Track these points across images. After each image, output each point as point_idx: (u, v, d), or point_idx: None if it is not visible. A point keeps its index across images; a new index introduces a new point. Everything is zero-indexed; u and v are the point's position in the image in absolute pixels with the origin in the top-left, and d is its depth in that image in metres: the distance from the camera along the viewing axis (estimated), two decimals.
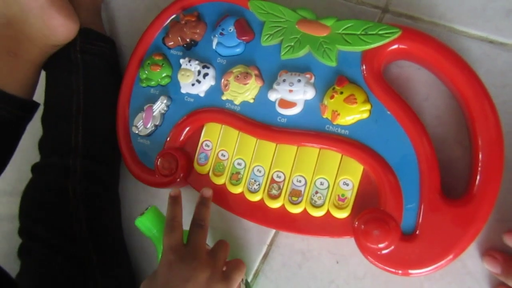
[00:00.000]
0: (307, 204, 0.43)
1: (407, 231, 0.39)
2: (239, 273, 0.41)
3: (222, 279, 0.39)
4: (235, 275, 0.41)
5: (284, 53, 0.45)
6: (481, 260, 0.40)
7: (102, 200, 0.53)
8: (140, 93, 0.53)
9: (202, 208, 0.43)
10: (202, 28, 0.51)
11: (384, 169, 0.40)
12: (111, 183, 0.56)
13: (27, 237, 0.50)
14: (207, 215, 0.43)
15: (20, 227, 0.51)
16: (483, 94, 0.39)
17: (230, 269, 0.41)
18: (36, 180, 0.53)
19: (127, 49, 0.61)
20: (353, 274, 0.45)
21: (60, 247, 0.49)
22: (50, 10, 0.52)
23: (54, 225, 0.50)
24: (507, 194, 0.40)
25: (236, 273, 0.41)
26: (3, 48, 0.52)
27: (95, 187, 0.52)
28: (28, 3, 0.51)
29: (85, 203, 0.51)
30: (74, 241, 0.49)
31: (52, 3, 0.52)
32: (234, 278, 0.40)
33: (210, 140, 0.49)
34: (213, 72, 0.49)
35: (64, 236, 0.49)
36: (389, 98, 0.41)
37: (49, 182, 0.52)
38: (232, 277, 0.40)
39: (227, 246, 0.43)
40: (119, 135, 0.53)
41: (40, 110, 0.56)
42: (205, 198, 0.44)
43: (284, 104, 0.44)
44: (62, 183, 0.51)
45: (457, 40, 0.45)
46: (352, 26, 0.43)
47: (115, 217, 0.55)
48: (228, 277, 0.40)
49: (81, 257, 0.49)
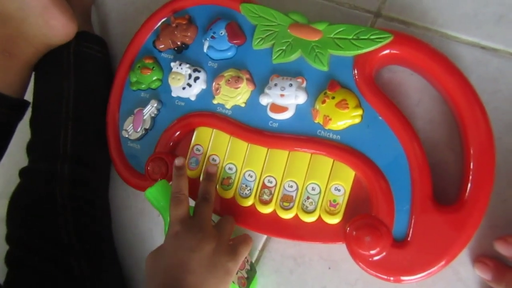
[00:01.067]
0: (298, 210, 0.42)
1: (399, 237, 0.38)
2: (245, 247, 0.41)
3: (227, 251, 0.39)
4: (241, 248, 0.40)
5: (276, 57, 0.45)
6: (472, 266, 0.40)
7: (91, 206, 0.52)
8: (130, 96, 0.52)
9: (207, 183, 0.44)
10: (193, 31, 0.50)
11: (375, 174, 0.39)
12: (100, 188, 0.54)
13: (15, 243, 0.49)
14: (212, 189, 0.44)
15: (7, 234, 0.50)
16: (475, 100, 0.38)
17: (237, 243, 0.41)
18: (24, 185, 0.51)
19: (118, 52, 0.60)
20: (345, 280, 0.44)
21: (48, 254, 0.47)
22: (53, 10, 0.51)
23: (42, 232, 0.48)
24: (498, 200, 0.39)
25: (242, 246, 0.41)
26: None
27: (83, 193, 0.51)
28: (30, 1, 0.50)
29: (73, 209, 0.49)
30: (62, 247, 0.48)
31: (54, 3, 0.51)
32: (240, 251, 0.40)
33: (201, 144, 0.48)
34: (204, 75, 0.48)
35: (52, 242, 0.48)
36: (381, 103, 0.40)
37: (36, 187, 0.50)
38: (238, 250, 0.40)
39: (233, 221, 0.43)
40: (109, 139, 0.52)
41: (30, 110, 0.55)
42: (210, 173, 0.45)
43: (275, 108, 0.44)
44: (49, 189, 0.49)
45: (449, 45, 0.45)
46: (344, 31, 0.42)
47: (104, 222, 0.54)
48: (234, 250, 0.40)
49: (70, 264, 0.47)
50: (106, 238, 0.53)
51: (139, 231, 0.54)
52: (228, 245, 0.40)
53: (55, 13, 0.51)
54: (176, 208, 0.41)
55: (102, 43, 0.58)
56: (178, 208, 0.41)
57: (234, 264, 0.39)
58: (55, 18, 0.51)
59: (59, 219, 0.48)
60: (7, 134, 0.54)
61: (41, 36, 0.52)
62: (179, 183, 0.43)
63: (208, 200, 0.43)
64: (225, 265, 0.38)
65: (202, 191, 0.43)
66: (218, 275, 0.38)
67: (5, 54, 0.51)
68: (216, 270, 0.38)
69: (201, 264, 0.37)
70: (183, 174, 0.43)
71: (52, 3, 0.51)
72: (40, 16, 0.50)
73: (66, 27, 0.53)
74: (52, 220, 0.48)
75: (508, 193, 0.40)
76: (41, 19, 0.51)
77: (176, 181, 0.43)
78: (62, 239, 0.48)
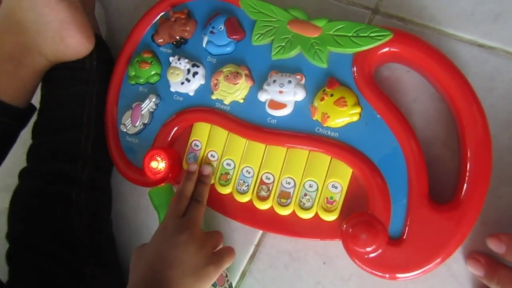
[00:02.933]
0: (295, 206, 0.41)
1: (395, 235, 0.37)
2: (229, 257, 0.40)
3: (210, 255, 0.39)
4: (225, 257, 0.40)
5: (275, 53, 0.43)
6: (465, 262, 0.39)
7: (107, 210, 0.51)
8: (128, 90, 0.50)
9: (201, 185, 0.44)
10: (192, 25, 0.48)
11: (373, 172, 0.38)
12: (109, 190, 0.52)
13: (19, 243, 0.47)
14: (205, 192, 0.43)
15: (9, 232, 0.47)
16: (473, 99, 0.37)
17: (221, 251, 0.40)
18: (28, 185, 0.49)
19: (116, 46, 0.58)
20: (339, 276, 0.43)
21: (57, 255, 0.45)
22: (71, 26, 0.46)
23: (51, 234, 0.46)
24: (491, 197, 0.38)
25: (226, 255, 0.40)
26: (7, 54, 0.47)
27: (98, 196, 0.49)
28: (48, 14, 0.45)
29: (90, 213, 0.48)
30: (72, 250, 0.46)
31: (74, 19, 0.46)
32: (223, 259, 0.39)
33: (199, 140, 0.47)
34: (203, 71, 0.46)
35: (63, 245, 0.46)
36: (380, 101, 0.39)
37: (49, 188, 0.47)
38: (221, 257, 0.39)
39: (220, 236, 0.43)
40: (107, 133, 0.50)
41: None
42: (204, 176, 0.44)
43: (274, 105, 0.42)
44: (65, 190, 0.47)
45: (446, 43, 0.44)
46: (344, 28, 0.41)
47: (110, 223, 0.52)
48: (217, 256, 0.39)
49: (79, 266, 0.45)
50: (113, 242, 0.51)
51: (134, 225, 0.53)
52: (212, 251, 0.40)
53: (72, 31, 0.47)
54: (174, 205, 0.41)
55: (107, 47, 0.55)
56: (176, 206, 0.41)
57: (214, 269, 0.38)
58: (72, 36, 0.47)
59: (74, 221, 0.46)
60: (7, 143, 0.51)
61: (56, 51, 0.48)
62: (186, 185, 0.43)
63: (200, 202, 0.42)
64: (205, 268, 0.38)
65: (195, 193, 0.43)
66: (197, 275, 0.37)
67: (13, 62, 0.47)
68: (196, 270, 0.37)
69: (182, 261, 0.37)
70: (192, 179, 0.43)
71: (70, 19, 0.46)
72: (57, 32, 0.46)
73: (82, 46, 0.48)
74: (64, 221, 0.46)
75: (502, 191, 0.39)
76: (57, 35, 0.46)
77: (184, 183, 0.43)
78: (74, 240, 0.46)
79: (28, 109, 0.51)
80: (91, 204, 0.48)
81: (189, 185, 0.43)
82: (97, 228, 0.49)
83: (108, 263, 0.49)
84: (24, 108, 0.50)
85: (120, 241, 0.52)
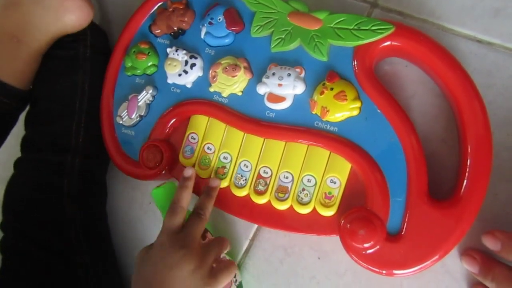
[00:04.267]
0: (293, 201, 0.40)
1: (393, 231, 0.36)
2: (227, 275, 0.38)
3: (207, 276, 0.36)
4: (221, 276, 0.37)
5: (274, 46, 0.41)
6: (460, 259, 0.38)
7: (98, 201, 0.49)
8: (125, 82, 0.48)
9: (205, 197, 0.41)
10: (190, 16, 0.46)
11: (372, 168, 0.37)
12: (103, 182, 0.51)
13: (13, 233, 0.45)
14: (208, 205, 0.40)
15: (3, 221, 0.46)
16: (475, 96, 0.36)
17: (218, 269, 0.38)
18: (22, 175, 0.47)
19: (113, 36, 0.55)
20: (334, 271, 0.42)
21: (50, 245, 0.44)
22: None
23: (45, 223, 0.45)
24: (488, 194, 0.37)
25: (223, 273, 0.37)
26: (7, 33, 0.45)
27: (91, 187, 0.48)
28: None
29: (80, 202, 0.46)
30: (66, 240, 0.44)
31: None
32: (220, 278, 0.37)
33: (196, 132, 0.45)
34: (201, 62, 0.45)
35: (56, 235, 0.44)
36: (380, 96, 0.38)
37: (42, 178, 0.46)
38: (218, 277, 0.37)
39: (224, 244, 0.40)
40: (103, 124, 0.48)
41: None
42: (211, 188, 0.41)
43: (273, 98, 0.41)
44: (57, 180, 0.45)
45: (446, 38, 0.42)
46: (345, 21, 0.39)
47: (106, 214, 0.50)
48: (214, 276, 0.37)
49: (74, 257, 0.44)
50: (107, 232, 0.50)
51: (129, 219, 0.51)
52: (209, 269, 0.37)
53: None
54: (169, 218, 0.38)
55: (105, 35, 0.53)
56: (171, 218, 0.38)
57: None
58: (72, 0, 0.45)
59: (64, 211, 0.45)
60: (9, 124, 0.49)
61: (55, 21, 0.46)
62: (181, 194, 0.40)
63: (201, 216, 0.39)
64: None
65: (198, 206, 0.40)
66: None
67: (14, 41, 0.45)
68: None
69: (177, 284, 0.35)
70: (188, 186, 0.40)
71: None
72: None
73: (83, 10, 0.47)
74: (57, 212, 0.45)
75: (499, 188, 0.38)
76: (55, 1, 0.45)
77: (179, 192, 0.40)
78: (67, 231, 0.44)
79: (28, 93, 0.49)
80: (83, 193, 0.47)
81: (184, 194, 0.40)
82: (91, 218, 0.47)
83: (103, 253, 0.47)
84: (24, 90, 0.48)
85: (115, 234, 0.51)
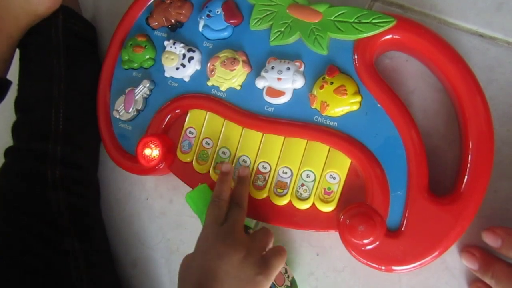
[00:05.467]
0: (292, 197, 0.39)
1: (393, 227, 0.35)
2: (279, 259, 0.35)
3: (257, 263, 0.34)
4: (273, 261, 0.34)
5: (274, 39, 0.40)
6: (459, 256, 0.37)
7: (82, 187, 0.47)
8: (121, 75, 0.47)
9: (239, 186, 0.40)
10: (188, 9, 0.44)
11: (371, 163, 0.36)
12: (91, 170, 0.50)
13: (3, 220, 0.44)
14: (245, 194, 0.39)
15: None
16: (477, 90, 0.34)
17: (269, 255, 0.35)
18: (11, 165, 0.46)
19: (109, 29, 0.54)
20: (333, 267, 0.41)
21: (38, 232, 0.43)
22: None
23: (31, 212, 0.44)
24: (488, 191, 0.36)
25: (275, 259, 0.35)
26: None
27: (74, 173, 0.46)
28: None
29: (65, 189, 0.45)
30: (53, 227, 0.44)
31: None
32: (272, 264, 0.34)
33: (194, 127, 0.44)
34: (199, 56, 0.43)
35: (43, 222, 0.43)
36: (380, 90, 0.36)
37: (25, 167, 0.45)
38: (270, 263, 0.34)
39: (269, 233, 0.38)
40: (99, 118, 0.47)
41: (14, 90, 0.49)
42: (242, 177, 0.40)
43: (272, 92, 0.39)
44: (40, 168, 0.44)
45: (447, 32, 0.41)
46: (345, 13, 0.38)
47: (94, 202, 0.49)
48: (264, 263, 0.34)
49: (62, 243, 0.43)
50: (97, 219, 0.49)
51: (126, 214, 0.50)
52: (259, 256, 0.35)
53: None
54: (212, 212, 0.37)
55: (88, 24, 0.52)
56: (214, 211, 0.37)
57: (264, 278, 0.33)
58: None
59: (50, 198, 0.44)
60: None
61: (25, 4, 0.44)
62: (221, 188, 0.39)
63: (241, 205, 0.38)
64: (254, 278, 0.33)
65: (234, 195, 0.39)
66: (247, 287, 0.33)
67: None
68: (244, 282, 0.33)
69: (228, 274, 0.33)
70: (227, 180, 0.39)
71: None
72: None
73: None
74: (42, 200, 0.44)
75: (499, 184, 0.37)
76: None
77: (219, 186, 0.39)
78: (53, 218, 0.44)
79: (4, 81, 0.48)
80: (67, 181, 0.45)
81: (225, 187, 0.39)
82: (78, 206, 0.46)
83: (92, 240, 0.46)
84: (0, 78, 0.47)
85: (111, 229, 0.50)
